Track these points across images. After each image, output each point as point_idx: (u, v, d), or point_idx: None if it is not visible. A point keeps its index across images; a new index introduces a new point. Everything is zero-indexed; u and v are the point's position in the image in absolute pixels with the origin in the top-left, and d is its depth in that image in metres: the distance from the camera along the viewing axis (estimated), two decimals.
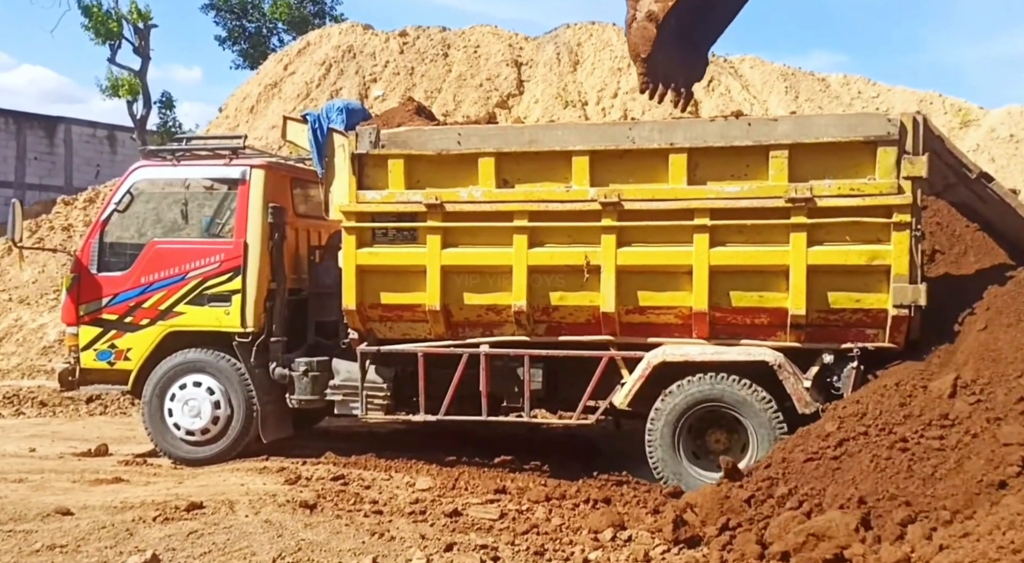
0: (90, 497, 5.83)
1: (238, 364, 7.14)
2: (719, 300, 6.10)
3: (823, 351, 6.10)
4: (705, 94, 19.52)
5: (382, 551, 4.71)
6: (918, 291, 5.83)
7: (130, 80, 27.04)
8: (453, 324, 6.67)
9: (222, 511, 5.41)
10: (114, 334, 7.30)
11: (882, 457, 4.98)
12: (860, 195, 5.87)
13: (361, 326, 6.81)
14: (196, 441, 7.21)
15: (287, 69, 21.60)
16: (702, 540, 5.00)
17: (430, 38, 21.56)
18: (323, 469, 6.64)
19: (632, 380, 6.31)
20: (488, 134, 6.58)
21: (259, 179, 7.16)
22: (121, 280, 7.28)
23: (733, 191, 6.05)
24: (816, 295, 5.96)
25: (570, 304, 6.40)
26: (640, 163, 6.21)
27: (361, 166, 6.65)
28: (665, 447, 6.23)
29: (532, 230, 6.36)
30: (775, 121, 6.23)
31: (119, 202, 7.36)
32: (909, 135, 5.83)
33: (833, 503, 4.86)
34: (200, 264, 7.17)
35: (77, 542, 4.79)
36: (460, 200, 6.48)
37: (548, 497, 5.93)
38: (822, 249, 5.94)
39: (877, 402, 5.47)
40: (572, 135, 6.42)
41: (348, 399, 7.03)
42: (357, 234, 6.67)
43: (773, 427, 6.05)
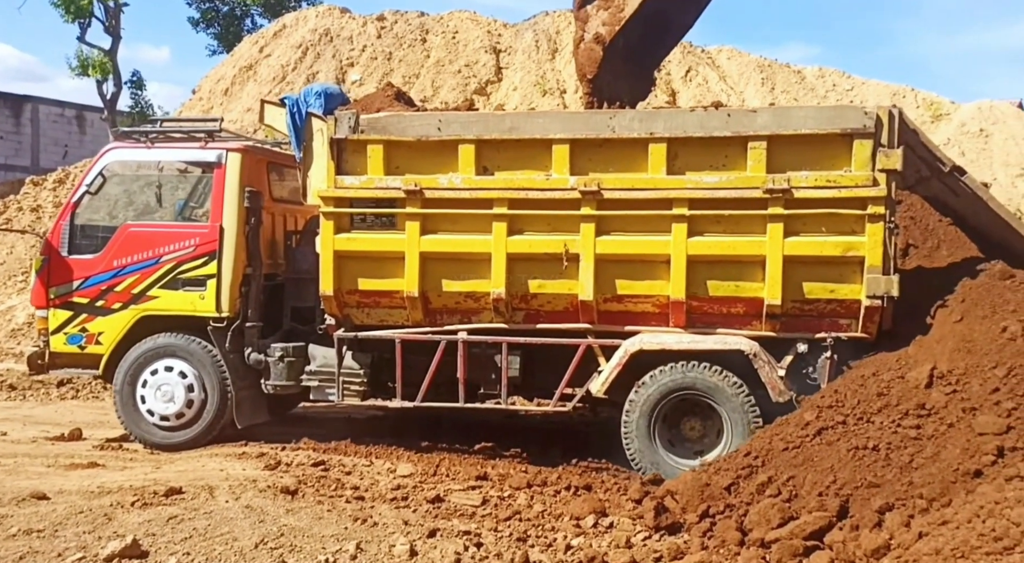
0: (66, 482, 5.75)
1: (212, 349, 7.07)
2: (696, 289, 6.15)
3: (798, 341, 6.16)
4: (683, 84, 19.61)
5: (365, 537, 4.70)
6: (891, 282, 5.91)
7: (100, 59, 26.57)
8: (431, 311, 6.66)
9: (202, 496, 5.37)
10: (85, 318, 7.19)
11: (860, 446, 5.06)
12: (836, 187, 5.93)
13: (338, 312, 6.79)
14: (169, 426, 7.13)
15: (262, 51, 21.35)
16: (683, 527, 5.05)
17: (408, 23, 21.41)
18: (303, 455, 6.61)
19: (609, 368, 6.35)
20: (468, 121, 6.55)
21: (235, 163, 7.07)
22: (92, 263, 7.17)
23: (712, 181, 6.08)
24: (792, 285, 6.03)
25: (548, 292, 6.41)
26: (620, 152, 6.22)
27: (340, 151, 6.60)
28: (641, 435, 6.28)
29: (511, 218, 6.35)
30: (754, 112, 6.25)
31: (91, 184, 7.22)
32: (885, 128, 5.89)
33: (812, 491, 4.93)
34: (174, 248, 7.06)
35: (54, 527, 4.73)
36: (439, 187, 6.45)
37: (530, 484, 5.96)
38: (798, 240, 5.99)
39: (855, 392, 5.55)
40: (553, 123, 6.41)
41: (324, 385, 7.01)
42: (335, 219, 6.63)
43: (747, 415, 6.11)
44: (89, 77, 26.93)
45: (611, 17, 7.09)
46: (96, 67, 26.56)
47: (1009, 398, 4.96)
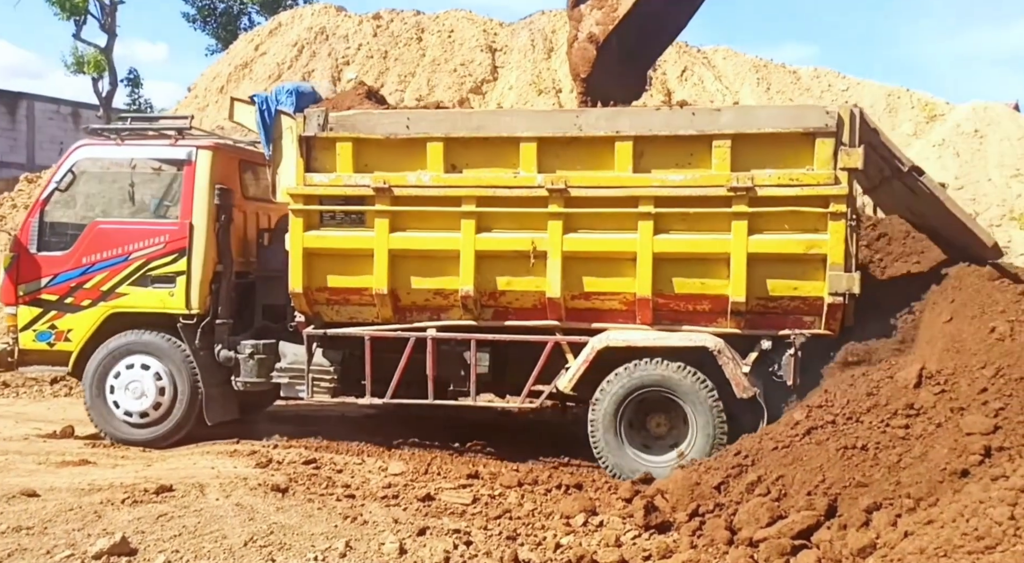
0: (57, 479, 5.75)
1: (182, 346, 7.06)
2: (662, 287, 6.21)
3: (762, 337, 6.21)
4: (678, 84, 19.63)
5: (355, 535, 4.71)
6: (852, 279, 5.96)
7: (96, 56, 26.54)
8: (400, 308, 6.69)
9: (192, 494, 5.37)
10: (54, 315, 7.18)
11: (849, 445, 5.08)
12: (799, 185, 5.99)
13: (308, 309, 6.81)
14: (139, 423, 7.12)
15: (258, 49, 21.31)
16: (672, 525, 5.08)
17: (404, 22, 21.38)
18: (294, 453, 6.62)
19: (576, 365, 6.37)
20: (437, 119, 6.61)
21: (206, 160, 7.07)
22: (62, 260, 7.16)
23: (677, 179, 6.14)
24: (756, 283, 6.09)
25: (517, 289, 6.45)
26: (587, 150, 6.27)
27: (309, 149, 6.62)
28: (607, 432, 6.30)
29: (480, 215, 6.39)
30: (719, 111, 6.32)
31: (60, 181, 7.21)
32: (846, 127, 5.95)
33: (801, 490, 4.95)
34: (144, 245, 7.06)
35: (44, 524, 4.73)
36: (408, 184, 6.48)
37: (520, 482, 5.98)
38: (762, 238, 6.06)
39: (845, 392, 5.57)
40: (520, 121, 6.46)
41: (294, 382, 7.03)
42: (304, 217, 6.65)
43: (712, 411, 6.15)
44: (85, 74, 26.93)
45: (604, 17, 7.12)
46: (91, 64, 26.53)
47: (997, 398, 4.99)
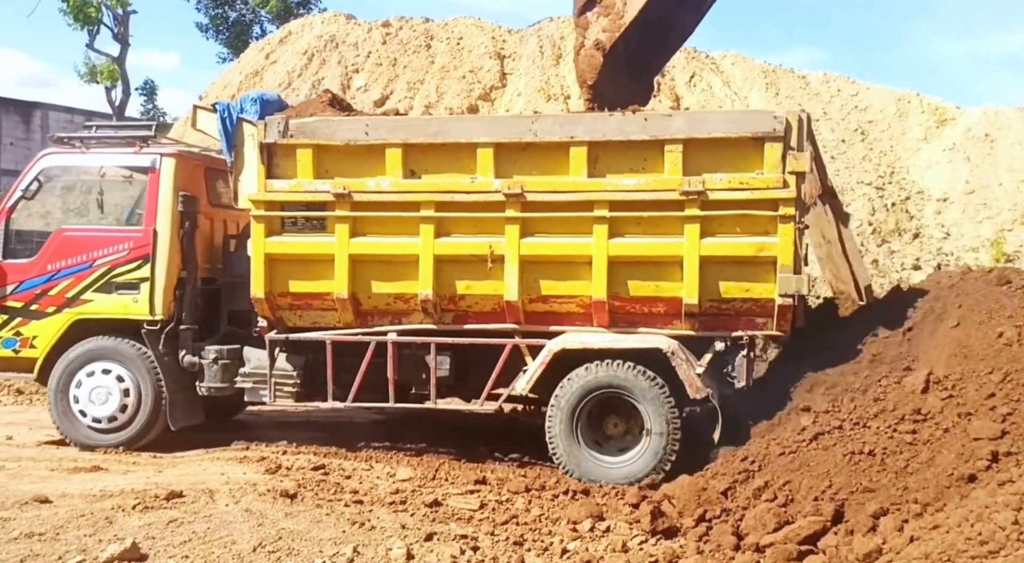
0: (69, 485, 5.81)
1: (147, 352, 7.11)
2: (617, 289, 6.28)
3: (716, 339, 6.30)
4: (687, 89, 19.62)
5: (362, 540, 4.74)
6: (801, 281, 6.07)
7: (109, 66, 26.77)
8: (362, 312, 6.76)
9: (202, 500, 5.42)
10: (19, 321, 7.24)
11: (856, 451, 5.08)
12: (749, 188, 6.09)
13: (271, 314, 6.88)
14: (103, 429, 7.16)
15: (268, 58, 21.44)
16: (679, 531, 5.08)
17: (413, 29, 21.48)
18: (303, 459, 6.66)
19: (533, 367, 6.44)
20: (395, 125, 6.72)
21: (169, 167, 7.13)
22: (27, 267, 7.22)
23: (631, 184, 6.24)
24: (709, 285, 6.17)
25: (476, 293, 6.52)
26: (543, 155, 6.36)
27: (270, 155, 6.71)
28: (564, 433, 6.36)
29: (438, 220, 6.47)
30: (670, 117, 6.43)
31: (26, 189, 7.27)
32: (794, 132, 6.06)
33: (808, 495, 4.95)
34: (108, 251, 7.12)
35: (56, 530, 4.78)
36: (368, 190, 6.56)
37: (528, 488, 5.99)
38: (714, 241, 6.14)
39: (852, 397, 5.57)
40: (477, 127, 6.57)
41: (258, 387, 7.08)
42: (266, 223, 6.73)
43: (666, 411, 6.21)
44: (98, 84, 27.16)
45: (611, 24, 7.15)
46: (105, 74, 26.77)
47: (1004, 403, 4.98)
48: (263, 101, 7.00)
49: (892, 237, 16.98)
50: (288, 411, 8.90)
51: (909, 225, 17.20)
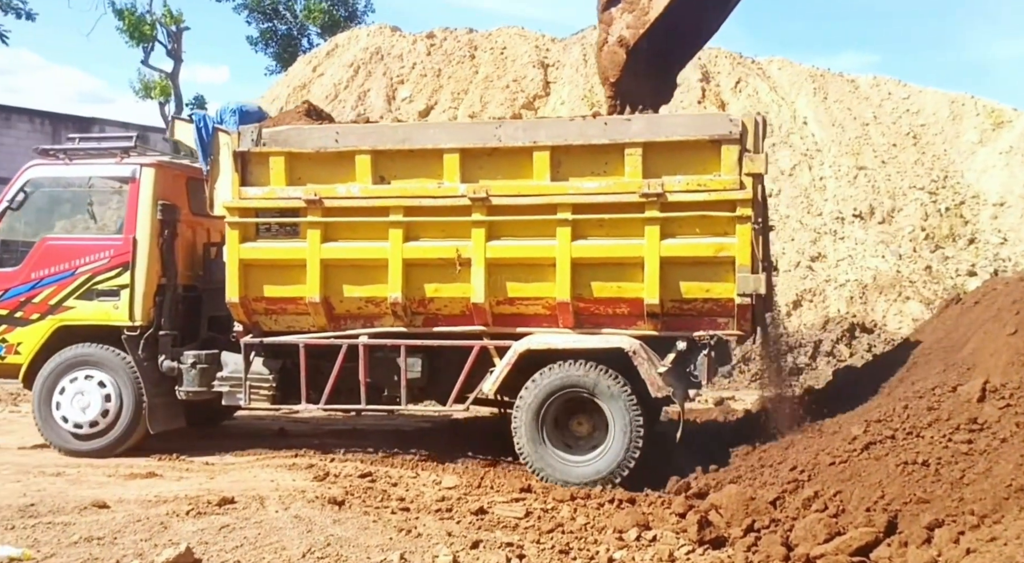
0: (125, 491, 5.96)
1: (127, 358, 7.23)
2: (581, 291, 6.38)
3: (678, 339, 6.37)
4: (732, 95, 19.45)
5: (409, 547, 4.78)
6: (759, 280, 6.15)
7: (162, 82, 27.47)
8: (335, 316, 6.87)
9: (253, 506, 5.52)
10: (5, 328, 7.41)
11: (909, 461, 4.97)
12: (707, 190, 6.18)
13: (246, 319, 7.01)
14: (85, 434, 7.27)
15: (316, 71, 21.82)
16: (727, 541, 5.01)
17: (457, 40, 21.66)
18: (350, 466, 6.74)
19: (499, 368, 6.53)
20: (364, 132, 6.85)
21: (149, 177, 7.29)
22: (12, 276, 7.40)
23: (592, 187, 6.34)
24: (669, 286, 6.27)
25: (444, 296, 6.63)
26: (507, 160, 6.48)
27: (244, 163, 6.86)
28: (529, 433, 6.44)
29: (407, 225, 6.59)
30: (629, 121, 6.46)
31: (12, 199, 7.46)
32: (750, 134, 6.15)
33: (859, 506, 4.86)
34: (89, 260, 7.28)
35: (113, 534, 4.92)
36: (338, 196, 6.69)
37: (573, 496, 5.98)
38: (674, 242, 6.24)
39: (904, 406, 5.45)
40: (443, 134, 6.72)
41: (235, 390, 7.18)
42: (240, 229, 6.87)
43: (629, 410, 6.28)
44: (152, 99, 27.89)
45: (635, 20, 7.13)
46: (158, 89, 27.48)
47: None
48: (242, 112, 7.19)
49: (946, 242, 16.58)
50: (334, 419, 9.01)
51: (964, 230, 16.78)
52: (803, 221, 16.60)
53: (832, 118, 18.93)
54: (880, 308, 14.98)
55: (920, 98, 19.68)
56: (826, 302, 15.17)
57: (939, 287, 15.35)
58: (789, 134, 18.44)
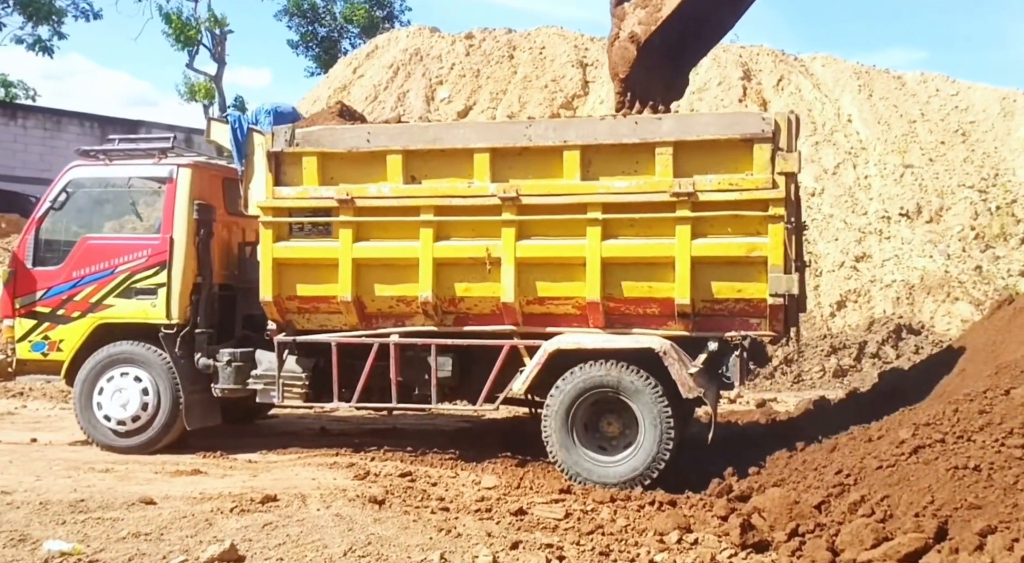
0: (171, 488, 6.06)
1: (165, 355, 7.32)
2: (611, 291, 6.36)
3: (709, 340, 6.31)
4: (774, 93, 19.20)
5: (449, 547, 4.78)
6: (791, 280, 6.08)
7: (206, 85, 27.95)
8: (367, 315, 6.90)
9: (295, 504, 5.57)
10: (47, 326, 7.54)
11: (960, 465, 4.84)
12: (738, 190, 6.11)
13: (280, 317, 7.06)
14: (125, 430, 7.38)
15: (356, 72, 22.02)
16: (770, 545, 4.94)
17: (496, 40, 21.71)
18: (390, 465, 6.78)
19: (529, 367, 6.52)
20: (395, 133, 6.86)
21: (186, 177, 7.37)
22: (54, 274, 7.53)
23: (623, 186, 6.30)
24: (701, 286, 6.22)
25: (475, 295, 6.63)
26: (537, 160, 6.47)
27: (278, 164, 6.92)
28: (559, 432, 6.43)
29: (438, 224, 6.60)
30: (660, 120, 6.42)
31: (54, 200, 7.60)
32: (783, 133, 6.07)
33: (908, 511, 4.74)
34: (128, 259, 7.39)
35: (160, 530, 5.00)
36: (370, 196, 6.72)
37: (613, 498, 5.94)
38: (705, 242, 6.18)
39: (955, 409, 5.32)
40: (473, 133, 6.73)
41: (268, 388, 7.23)
42: (274, 228, 6.93)
43: (658, 411, 6.25)
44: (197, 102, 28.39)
45: (648, 16, 7.04)
46: (202, 92, 27.97)
47: None
48: (276, 113, 7.27)
49: (996, 242, 16.18)
50: (374, 419, 9.07)
51: (1016, 229, 16.35)
52: (847, 220, 16.32)
53: (878, 116, 18.59)
54: (928, 309, 14.67)
55: (969, 95, 19.23)
56: (871, 303, 14.90)
57: (989, 288, 14.98)
58: (833, 132, 18.14)
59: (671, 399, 6.28)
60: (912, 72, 20.52)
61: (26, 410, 9.89)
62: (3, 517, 5.17)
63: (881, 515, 4.81)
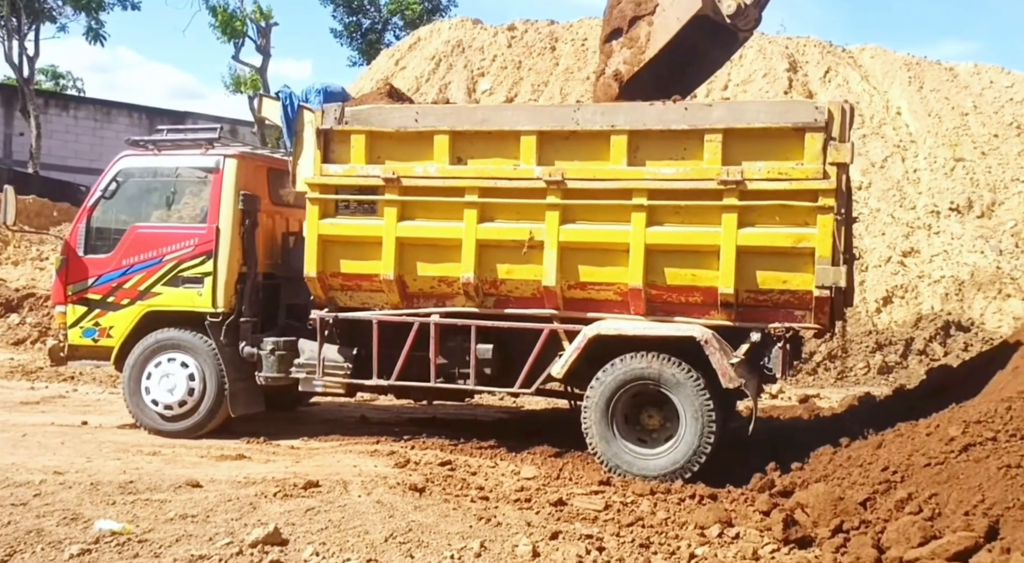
0: (216, 471, 6.17)
1: (210, 342, 7.42)
2: (654, 278, 6.31)
3: (752, 330, 6.23)
4: (821, 86, 18.86)
5: (489, 536, 4.80)
6: (839, 273, 5.96)
7: (252, 76, 28.29)
8: (408, 294, 6.94)
9: (337, 490, 5.64)
10: (98, 313, 7.67)
11: (1013, 464, 4.73)
12: (788, 179, 6.01)
13: (323, 294, 7.12)
14: (171, 415, 7.49)
15: (398, 64, 22.11)
16: (814, 541, 4.88)
17: (538, 31, 21.63)
18: (431, 454, 6.82)
19: (568, 352, 6.49)
20: (443, 113, 6.86)
21: (232, 168, 7.43)
22: (104, 262, 7.65)
23: (669, 173, 6.24)
24: (745, 275, 6.13)
25: (516, 278, 6.63)
26: (584, 144, 6.43)
27: (326, 141, 6.95)
28: (599, 425, 6.40)
29: (482, 206, 6.60)
30: (710, 106, 6.41)
31: (105, 189, 7.72)
32: (836, 122, 5.95)
33: (957, 510, 4.65)
34: (176, 247, 7.49)
35: (206, 513, 5.10)
36: (416, 175, 6.74)
37: (653, 491, 5.91)
38: (751, 231, 6.10)
39: (1008, 407, 5.19)
40: (521, 116, 6.70)
41: (311, 377, 7.30)
42: (320, 205, 6.98)
43: (700, 404, 6.19)
44: (242, 93, 28.76)
45: (632, 57, 7.12)
46: (248, 84, 28.31)
47: None
48: (327, 92, 7.36)
49: None
50: (414, 408, 9.13)
51: None
52: (895, 215, 15.99)
53: (928, 108, 18.16)
54: (978, 306, 14.32)
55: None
56: (919, 299, 14.59)
57: None
58: (881, 125, 17.77)
59: (712, 392, 6.22)
60: (965, 63, 20.02)
61: (77, 394, 10.13)
62: (56, 497, 5.32)
63: (929, 513, 4.73)
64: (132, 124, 32.95)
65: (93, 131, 33.42)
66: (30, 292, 15.30)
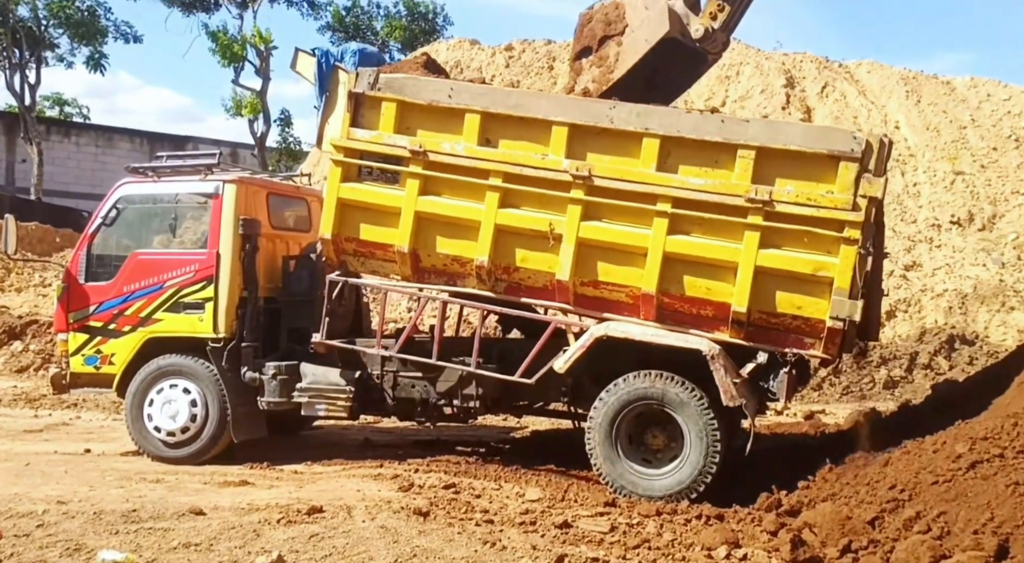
0: (220, 498, 6.14)
1: (212, 368, 7.41)
2: (669, 286, 6.26)
3: (759, 351, 6.20)
4: (818, 100, 18.94)
5: (494, 560, 4.77)
6: (855, 306, 5.89)
7: (252, 100, 28.43)
8: (420, 269, 6.92)
9: (340, 516, 5.60)
10: (99, 340, 7.67)
11: (1021, 481, 4.69)
12: (816, 206, 5.95)
13: (335, 257, 7.11)
14: (174, 441, 7.47)
15: None
16: (822, 561, 4.83)
17: (535, 51, 21.76)
18: (434, 477, 6.78)
19: (573, 348, 6.46)
20: (478, 93, 6.80)
21: (231, 193, 7.45)
22: (106, 289, 7.65)
23: (698, 183, 6.19)
24: (760, 296, 6.08)
25: (530, 267, 6.60)
26: (615, 143, 6.38)
27: (357, 105, 6.90)
28: (604, 450, 6.39)
29: (505, 191, 6.56)
30: (747, 122, 6.37)
31: (105, 216, 7.74)
32: (873, 155, 5.87)
33: (966, 528, 4.61)
34: (176, 273, 7.49)
35: (210, 541, 5.06)
36: (443, 151, 6.69)
37: (659, 512, 5.87)
38: (773, 252, 6.05)
39: (1014, 423, 5.16)
40: (556, 106, 6.62)
41: (314, 401, 7.30)
42: (344, 168, 6.95)
43: (700, 415, 6.18)
44: (242, 117, 28.90)
45: (601, 76, 7.14)
46: (248, 107, 28.47)
47: None
48: (363, 54, 7.37)
49: None
50: (418, 430, 9.08)
51: None
52: (896, 229, 15.99)
53: (926, 122, 18.22)
54: (982, 319, 14.28)
55: (1022, 99, 18.77)
56: (922, 313, 14.56)
57: None
58: None
59: (717, 411, 6.18)
60: (962, 77, 20.10)
61: (80, 421, 10.11)
62: (60, 527, 5.29)
63: (938, 532, 4.69)
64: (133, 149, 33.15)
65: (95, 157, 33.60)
66: (33, 319, 15.30)
